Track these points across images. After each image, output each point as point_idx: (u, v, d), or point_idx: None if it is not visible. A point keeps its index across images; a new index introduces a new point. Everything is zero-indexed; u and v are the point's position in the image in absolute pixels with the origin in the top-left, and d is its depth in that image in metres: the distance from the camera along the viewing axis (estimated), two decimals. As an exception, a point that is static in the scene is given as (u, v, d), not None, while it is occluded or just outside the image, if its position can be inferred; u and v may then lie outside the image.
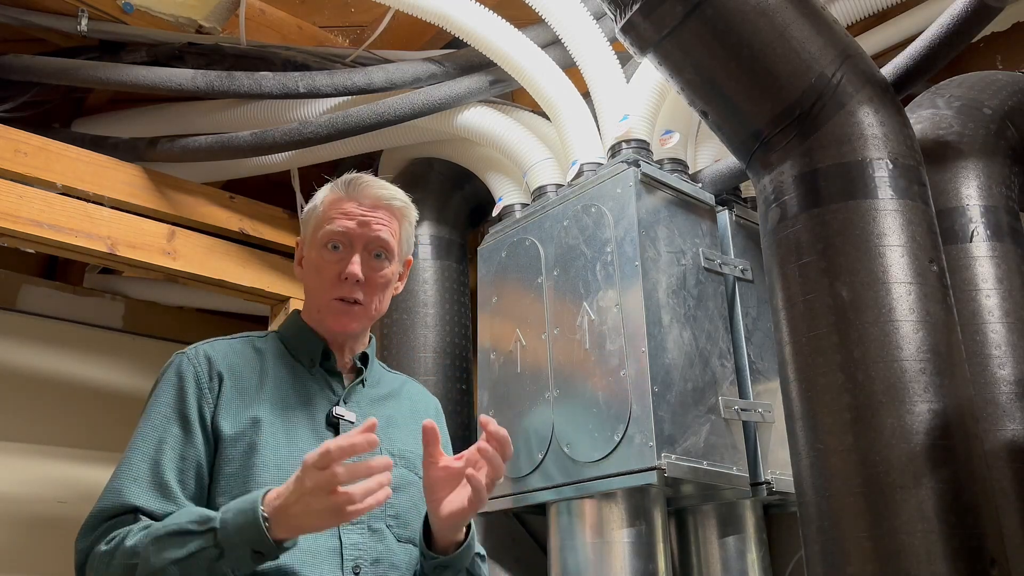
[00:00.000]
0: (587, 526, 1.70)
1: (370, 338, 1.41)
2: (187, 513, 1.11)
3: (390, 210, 1.37)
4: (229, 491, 1.17)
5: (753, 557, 1.81)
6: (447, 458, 1.22)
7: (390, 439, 1.33)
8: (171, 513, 1.12)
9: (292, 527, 1.05)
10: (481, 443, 1.19)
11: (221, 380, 1.24)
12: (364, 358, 1.37)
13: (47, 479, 2.71)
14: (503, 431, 1.19)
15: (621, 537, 1.66)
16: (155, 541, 1.07)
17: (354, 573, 1.19)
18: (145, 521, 1.12)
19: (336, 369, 1.34)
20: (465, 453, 1.21)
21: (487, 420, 1.20)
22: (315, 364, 1.32)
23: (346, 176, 1.38)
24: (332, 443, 1.03)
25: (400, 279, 1.42)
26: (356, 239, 1.32)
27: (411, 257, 1.46)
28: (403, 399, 1.42)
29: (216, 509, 1.11)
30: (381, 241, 1.33)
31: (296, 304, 2.50)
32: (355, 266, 1.30)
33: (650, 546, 1.66)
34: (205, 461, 1.19)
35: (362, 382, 1.36)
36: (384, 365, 1.49)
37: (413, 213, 1.43)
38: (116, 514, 1.14)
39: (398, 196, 1.39)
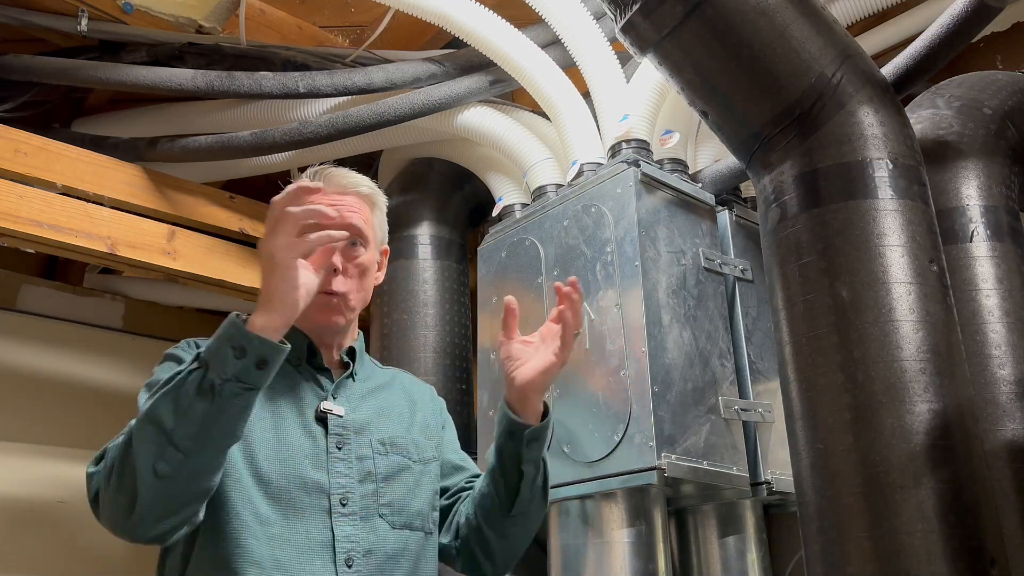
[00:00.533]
0: (587, 526, 1.70)
1: (359, 333, 1.40)
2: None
3: (358, 196, 1.36)
4: (221, 488, 1.15)
5: (753, 557, 1.81)
6: (523, 337, 1.29)
7: (380, 427, 1.33)
8: None
9: (267, 314, 1.06)
10: (557, 309, 1.27)
11: None
12: (351, 353, 1.37)
13: (47, 479, 2.71)
14: (570, 290, 1.26)
15: (621, 537, 1.66)
16: (153, 396, 1.06)
17: (347, 565, 1.18)
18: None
19: (324, 366, 1.32)
20: (540, 330, 1.30)
21: (559, 285, 1.27)
22: (301, 362, 1.31)
23: (310, 169, 1.37)
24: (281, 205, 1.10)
25: (379, 268, 1.41)
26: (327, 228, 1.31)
27: (387, 247, 1.44)
28: (395, 388, 1.42)
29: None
30: (354, 228, 1.32)
31: (296, 304, 2.49)
32: (334, 256, 1.29)
33: (650, 546, 1.66)
34: None
35: (351, 376, 1.35)
36: (376, 361, 1.48)
37: (382, 199, 1.41)
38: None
39: (364, 182, 1.38)
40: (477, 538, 1.34)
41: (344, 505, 1.21)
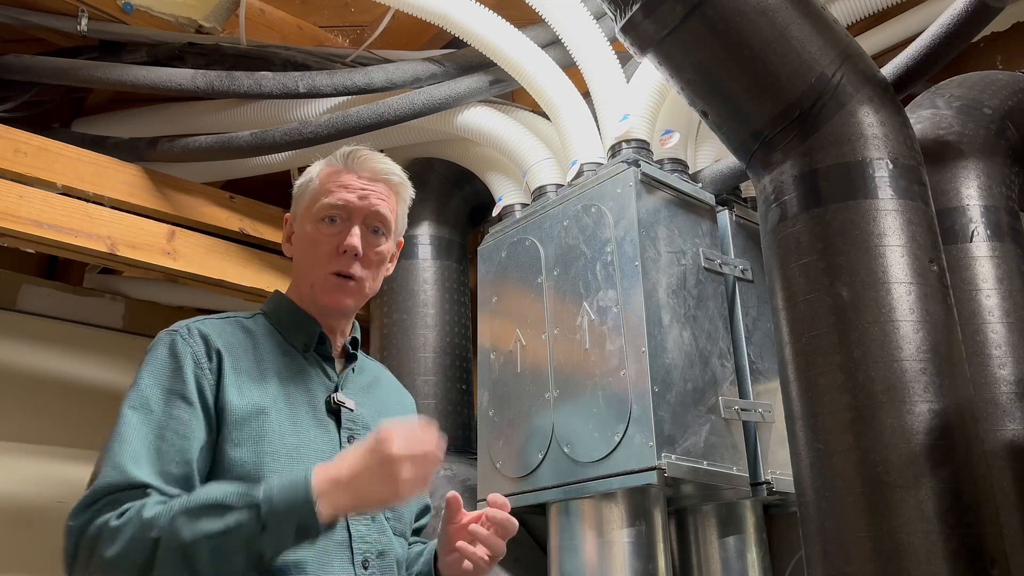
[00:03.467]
0: (587, 526, 1.70)
1: (353, 324, 1.39)
2: (220, 487, 1.04)
3: (388, 184, 1.34)
4: (237, 476, 1.11)
5: (753, 557, 1.81)
6: (466, 516, 1.26)
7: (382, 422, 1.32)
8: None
9: (339, 504, 1.03)
10: (475, 527, 1.24)
11: (220, 359, 1.18)
12: (355, 343, 1.35)
13: (47, 479, 2.71)
14: (502, 515, 1.25)
15: (621, 537, 1.66)
16: (186, 513, 1.00)
17: (363, 567, 1.17)
18: (160, 496, 1.05)
19: (330, 354, 1.31)
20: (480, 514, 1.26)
21: (493, 501, 1.26)
22: (309, 349, 1.29)
23: (344, 148, 1.35)
24: (423, 443, 1.06)
25: (391, 260, 1.39)
26: (355, 212, 1.28)
27: (402, 239, 1.43)
28: (386, 386, 1.42)
29: None
30: (380, 216, 1.30)
31: (296, 304, 2.49)
32: (355, 238, 1.27)
33: (650, 546, 1.66)
34: (207, 443, 1.13)
35: (352, 368, 1.34)
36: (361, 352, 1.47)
37: (410, 191, 1.40)
38: (121, 489, 1.04)
39: (396, 171, 1.36)
40: None
41: None
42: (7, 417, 2.68)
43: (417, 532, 1.40)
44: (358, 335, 1.37)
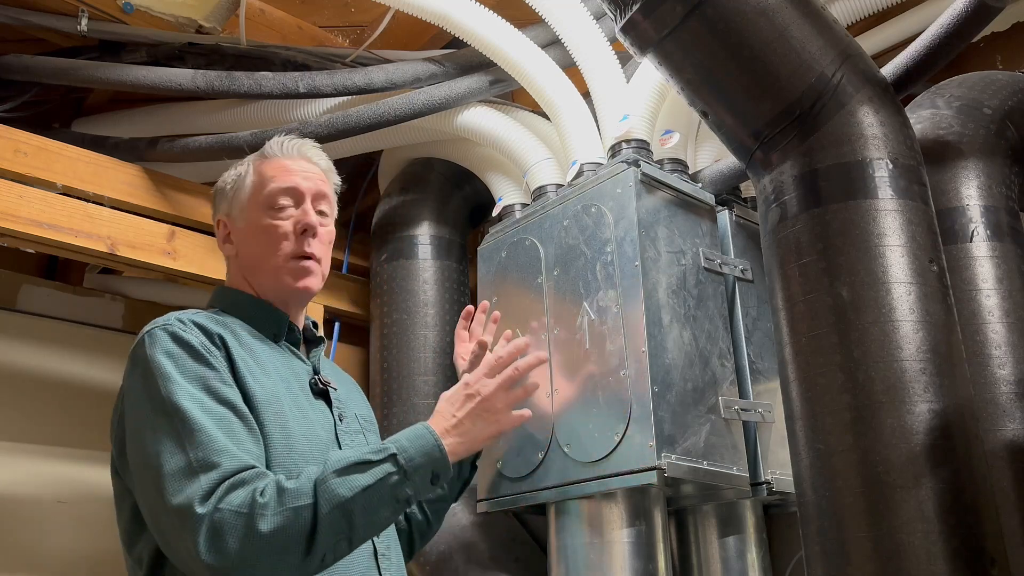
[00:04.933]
0: (587, 526, 1.70)
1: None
2: (351, 451, 1.13)
3: (320, 169, 1.39)
4: (269, 458, 1.13)
5: (753, 557, 1.81)
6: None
7: (354, 403, 1.37)
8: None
9: (455, 450, 1.14)
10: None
11: (227, 350, 1.19)
12: (315, 325, 1.40)
13: (47, 479, 2.71)
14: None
15: (621, 537, 1.66)
16: (337, 473, 1.05)
17: (384, 556, 1.24)
18: (273, 474, 1.07)
19: (298, 341, 1.34)
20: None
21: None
22: (280, 338, 1.31)
23: (274, 139, 1.38)
24: (511, 361, 1.24)
25: None
26: (303, 193, 1.32)
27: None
28: (335, 366, 1.48)
29: None
30: (325, 196, 1.35)
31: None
32: (310, 215, 1.30)
33: (650, 546, 1.66)
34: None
35: (317, 352, 1.37)
36: None
37: (336, 179, 1.43)
38: (237, 472, 1.04)
39: (324, 156, 1.41)
40: (420, 530, 1.46)
41: None
42: (7, 417, 2.67)
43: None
44: (312, 320, 1.41)
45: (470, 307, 1.60)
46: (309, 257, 1.30)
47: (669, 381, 1.66)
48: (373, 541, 1.21)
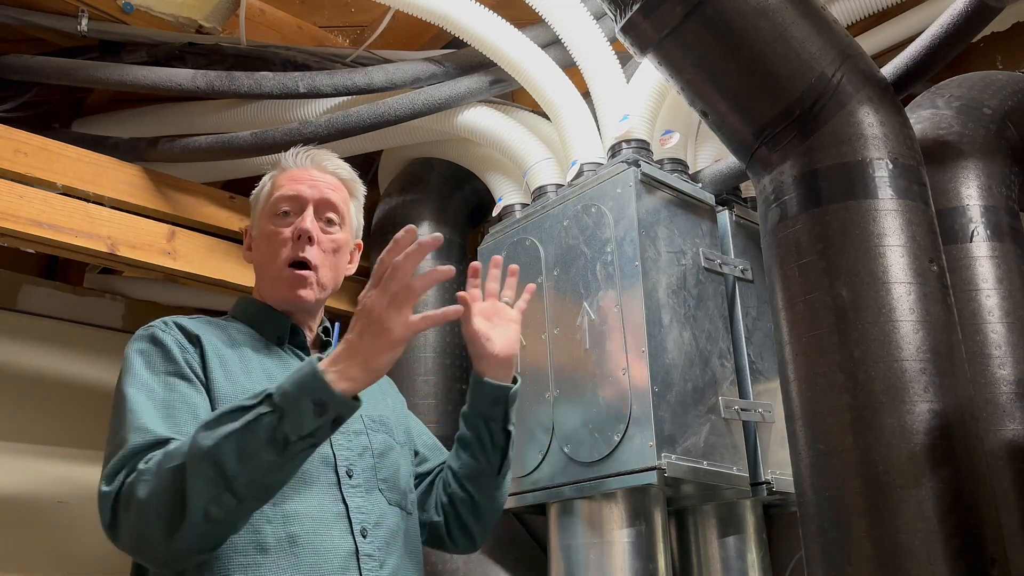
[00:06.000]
0: (587, 526, 1.70)
1: (322, 315, 1.41)
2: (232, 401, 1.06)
3: (338, 178, 1.38)
4: None
5: (753, 557, 1.81)
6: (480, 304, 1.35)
7: (367, 405, 1.34)
8: None
9: (351, 374, 1.02)
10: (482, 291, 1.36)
11: (201, 345, 1.19)
12: (327, 332, 1.39)
13: (46, 479, 2.71)
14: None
15: (621, 537, 1.66)
16: (205, 427, 1.00)
17: (362, 536, 1.18)
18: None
19: (305, 345, 1.34)
20: (481, 307, 1.36)
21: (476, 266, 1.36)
22: (283, 342, 1.31)
23: (293, 149, 1.39)
24: (385, 259, 1.06)
25: (351, 261, 1.42)
26: (305, 200, 1.32)
27: (361, 242, 1.46)
28: None
29: None
30: (330, 203, 1.34)
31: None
32: (307, 221, 1.30)
33: (650, 546, 1.66)
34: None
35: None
36: None
37: (361, 189, 1.43)
38: (146, 449, 1.04)
39: (345, 167, 1.41)
40: (468, 509, 1.38)
41: (351, 477, 1.22)
42: (7, 417, 2.67)
43: (426, 475, 1.44)
44: (328, 324, 1.40)
45: (476, 264, 1.34)
46: (303, 264, 1.29)
47: (669, 381, 1.66)
48: (354, 539, 1.16)
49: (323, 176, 1.36)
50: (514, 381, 1.35)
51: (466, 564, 2.05)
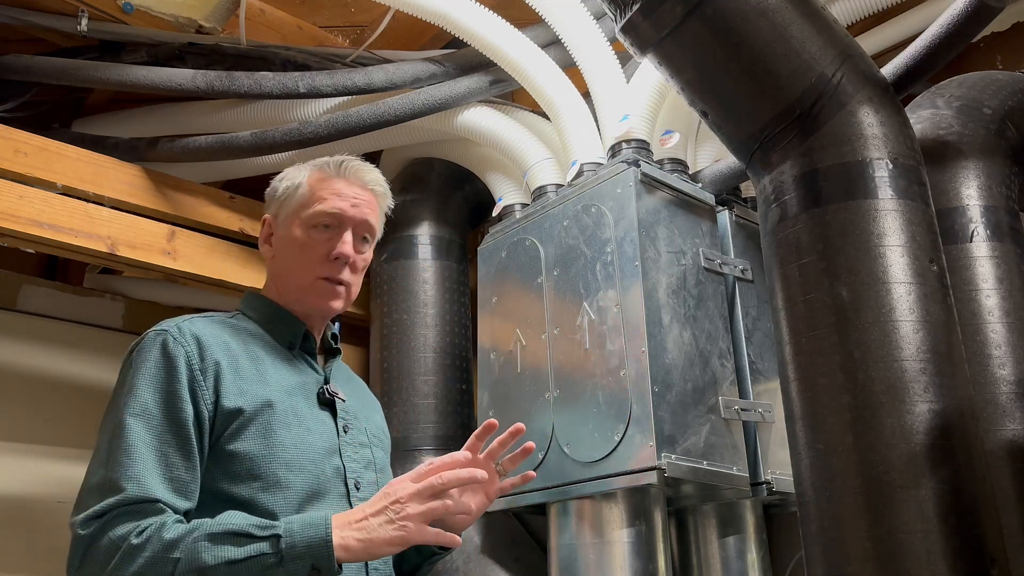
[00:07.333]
0: (587, 526, 1.70)
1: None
2: (244, 516, 1.08)
3: (375, 195, 1.39)
4: (246, 469, 1.14)
5: (753, 557, 1.81)
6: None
7: (367, 418, 1.36)
8: (188, 511, 1.10)
9: (350, 544, 1.06)
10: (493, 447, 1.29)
11: (216, 360, 1.19)
12: (335, 338, 1.40)
13: (47, 479, 2.71)
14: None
15: (621, 537, 1.66)
16: (209, 537, 1.03)
17: (356, 488, 1.24)
18: (176, 516, 1.07)
19: (314, 350, 1.35)
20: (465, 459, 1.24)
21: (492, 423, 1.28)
22: (295, 346, 1.32)
23: (336, 157, 1.39)
24: (442, 471, 1.11)
25: None
26: (347, 220, 1.32)
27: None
28: (357, 383, 1.46)
29: (220, 489, 1.12)
30: (369, 225, 1.35)
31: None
32: (347, 246, 1.31)
33: (650, 546, 1.66)
34: (205, 450, 1.15)
35: (335, 362, 1.38)
36: None
37: (389, 201, 1.44)
38: (134, 503, 1.06)
39: (382, 182, 1.41)
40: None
41: (358, 489, 1.24)
42: (7, 417, 2.67)
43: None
44: (335, 330, 1.42)
45: (493, 421, 1.28)
46: (339, 283, 1.32)
47: (669, 381, 1.66)
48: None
49: (363, 194, 1.36)
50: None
51: (466, 564, 2.05)
